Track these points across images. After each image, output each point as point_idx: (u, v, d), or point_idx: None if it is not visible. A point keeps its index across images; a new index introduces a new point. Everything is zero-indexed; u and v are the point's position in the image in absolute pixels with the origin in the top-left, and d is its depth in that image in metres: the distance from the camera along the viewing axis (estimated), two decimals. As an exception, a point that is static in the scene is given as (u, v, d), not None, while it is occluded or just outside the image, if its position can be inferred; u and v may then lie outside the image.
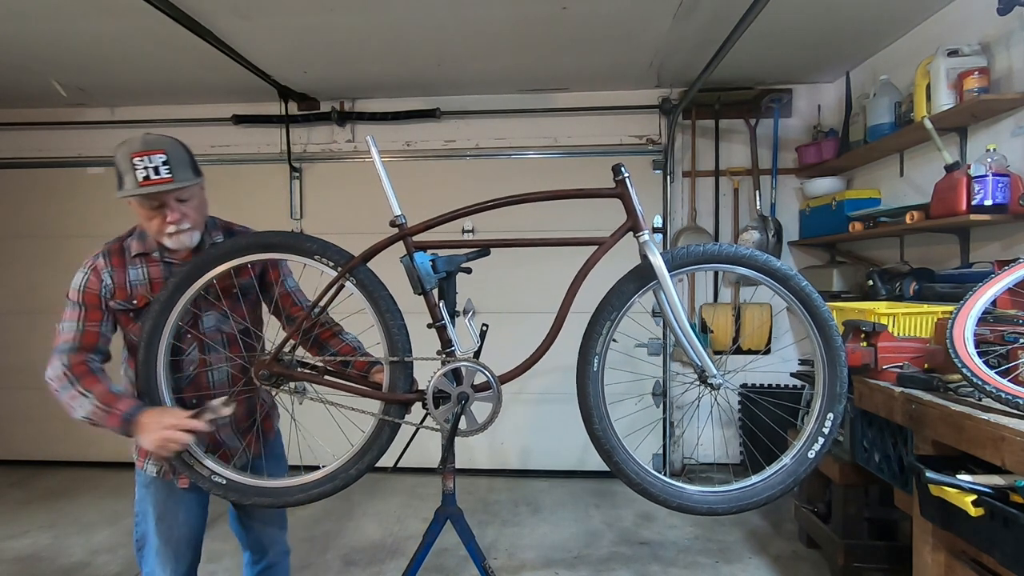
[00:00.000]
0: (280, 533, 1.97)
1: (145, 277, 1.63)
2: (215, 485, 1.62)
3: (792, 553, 3.01)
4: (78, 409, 1.53)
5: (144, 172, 1.47)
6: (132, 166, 1.47)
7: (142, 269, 1.63)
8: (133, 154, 1.48)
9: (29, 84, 3.93)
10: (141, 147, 1.49)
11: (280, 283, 1.80)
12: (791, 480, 1.57)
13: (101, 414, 1.52)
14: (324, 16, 2.99)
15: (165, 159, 1.49)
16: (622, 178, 1.58)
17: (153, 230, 1.57)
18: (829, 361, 1.57)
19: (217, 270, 1.61)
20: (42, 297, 4.44)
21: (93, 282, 1.59)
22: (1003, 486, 1.49)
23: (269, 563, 1.94)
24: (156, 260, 1.64)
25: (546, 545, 3.15)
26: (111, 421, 1.52)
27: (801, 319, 1.59)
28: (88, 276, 1.60)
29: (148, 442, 1.51)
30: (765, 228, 3.91)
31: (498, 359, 1.68)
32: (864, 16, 3.07)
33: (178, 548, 1.73)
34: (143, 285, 1.62)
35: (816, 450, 1.57)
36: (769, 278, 1.56)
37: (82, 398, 1.52)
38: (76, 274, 1.61)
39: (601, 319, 1.57)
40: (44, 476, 4.25)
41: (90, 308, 1.60)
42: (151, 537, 1.72)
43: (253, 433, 1.79)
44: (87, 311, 1.60)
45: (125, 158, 1.49)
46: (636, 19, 3.07)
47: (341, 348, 1.81)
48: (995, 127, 2.67)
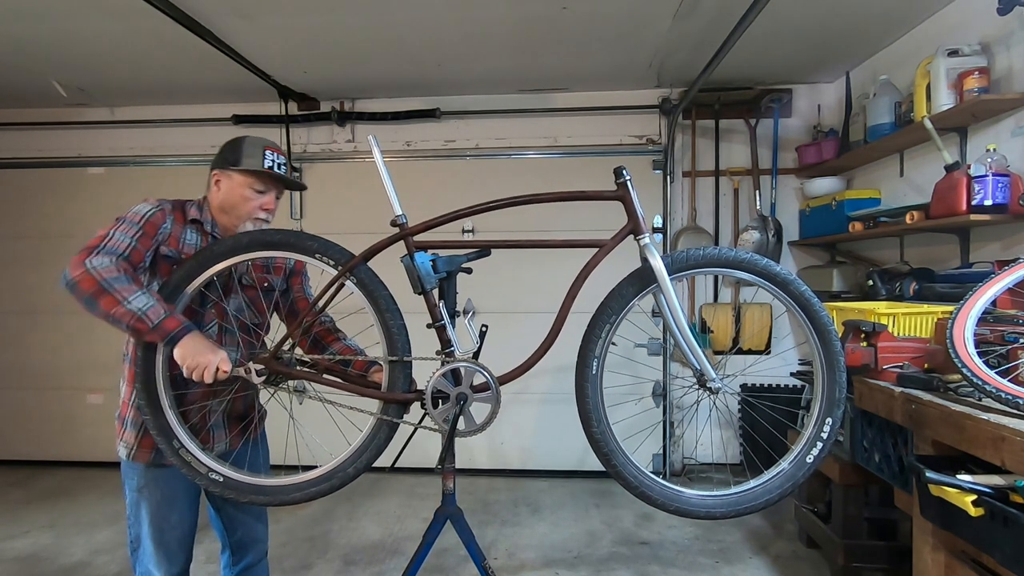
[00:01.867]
0: (263, 533, 1.97)
1: (196, 241, 1.72)
2: (212, 482, 1.62)
3: (792, 553, 3.01)
4: (132, 301, 1.47)
5: (270, 162, 1.71)
6: (263, 155, 1.70)
7: (196, 234, 1.72)
8: (267, 147, 1.72)
9: (29, 84, 3.93)
10: (273, 145, 1.74)
11: (300, 286, 1.91)
12: (790, 484, 1.57)
13: (159, 310, 1.50)
14: (324, 16, 2.99)
15: (285, 161, 1.76)
16: (623, 181, 1.58)
17: (244, 209, 1.72)
18: (828, 366, 1.57)
19: (219, 266, 1.62)
20: (42, 297, 4.45)
21: (158, 218, 1.64)
22: (1003, 486, 1.49)
23: (249, 563, 1.94)
24: (208, 232, 1.74)
25: (546, 545, 3.15)
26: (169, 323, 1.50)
27: (800, 324, 1.59)
28: (154, 212, 1.64)
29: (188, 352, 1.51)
30: (765, 228, 3.90)
31: (498, 360, 1.68)
32: (864, 16, 3.07)
33: (170, 549, 1.74)
34: (193, 247, 1.71)
35: (814, 454, 1.57)
36: (768, 282, 1.56)
37: (140, 293, 1.50)
38: (139, 205, 1.65)
39: (600, 322, 1.57)
40: (44, 476, 4.25)
41: (145, 235, 1.61)
42: (145, 540, 1.73)
43: (239, 428, 1.82)
44: (142, 236, 1.60)
45: (256, 146, 1.72)
46: (636, 19, 3.07)
47: (340, 349, 1.84)
48: (995, 127, 2.67)
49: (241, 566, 1.93)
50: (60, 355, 4.46)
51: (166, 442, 1.61)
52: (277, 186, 1.77)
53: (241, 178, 1.71)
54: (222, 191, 1.72)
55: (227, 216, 1.73)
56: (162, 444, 1.61)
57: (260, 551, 1.96)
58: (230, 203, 1.72)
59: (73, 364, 4.44)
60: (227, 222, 1.74)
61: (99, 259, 1.50)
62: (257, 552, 1.95)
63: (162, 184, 4.41)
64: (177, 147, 4.41)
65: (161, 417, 1.61)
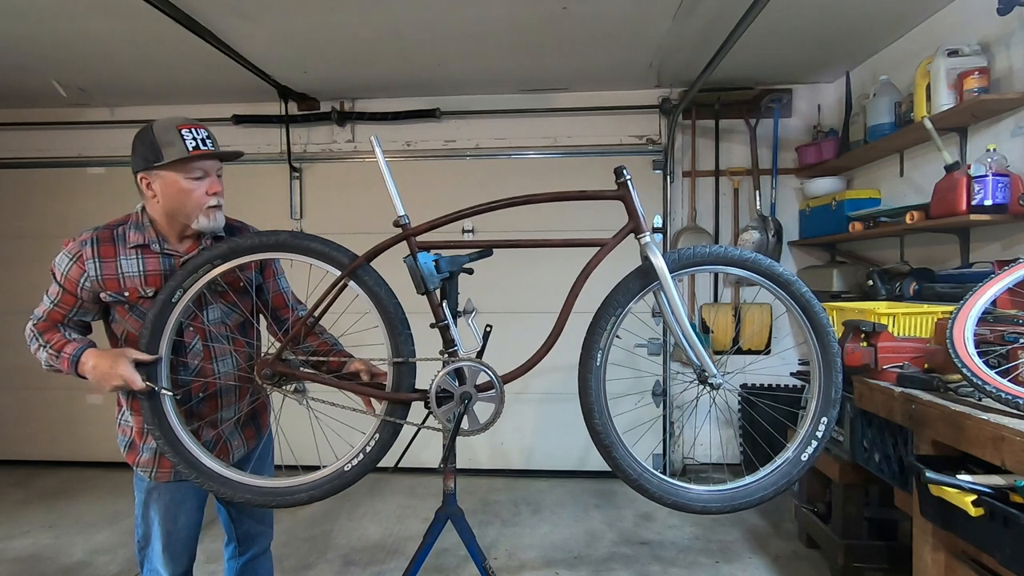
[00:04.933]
0: (268, 528, 1.98)
1: (140, 269, 1.60)
2: (217, 484, 1.62)
3: (792, 553, 3.01)
4: (42, 360, 1.63)
5: (193, 142, 1.52)
6: (179, 136, 1.51)
7: (137, 260, 1.61)
8: (179, 126, 1.53)
9: (29, 84, 3.92)
10: (185, 121, 1.55)
11: (273, 281, 1.82)
12: (785, 481, 1.61)
13: (55, 360, 1.60)
14: (324, 16, 2.99)
15: (208, 134, 1.57)
16: (624, 180, 1.59)
17: (190, 205, 1.57)
18: (825, 365, 1.60)
19: (221, 268, 1.60)
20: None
21: (74, 272, 1.59)
22: (1003, 486, 1.49)
23: (254, 555, 1.95)
24: (155, 253, 1.62)
25: (546, 545, 3.16)
26: (63, 364, 1.59)
27: (800, 324, 1.60)
28: (71, 266, 1.59)
29: (92, 378, 1.55)
30: (765, 228, 3.91)
31: (500, 359, 1.69)
32: (864, 16, 3.07)
33: (177, 550, 1.74)
34: (137, 277, 1.60)
35: (809, 453, 1.61)
36: (771, 282, 1.57)
37: (41, 350, 1.62)
38: (61, 255, 1.61)
39: (606, 315, 1.58)
40: (44, 476, 4.25)
41: (65, 292, 1.62)
42: (154, 540, 1.73)
43: (252, 428, 1.83)
44: (63, 294, 1.63)
45: (167, 130, 1.52)
46: (636, 19, 3.07)
47: (318, 345, 1.80)
48: (995, 127, 2.67)
49: (247, 556, 1.94)
50: (60, 355, 4.45)
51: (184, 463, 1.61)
52: (213, 163, 1.59)
53: (171, 174, 1.54)
54: (159, 195, 1.56)
55: (176, 219, 1.60)
56: (160, 443, 1.61)
57: (265, 543, 1.98)
58: (174, 205, 1.57)
59: (73, 364, 4.44)
60: (179, 225, 1.61)
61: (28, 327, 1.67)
62: (262, 543, 1.97)
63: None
64: (177, 147, 4.41)
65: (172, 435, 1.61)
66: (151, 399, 1.58)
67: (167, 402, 1.60)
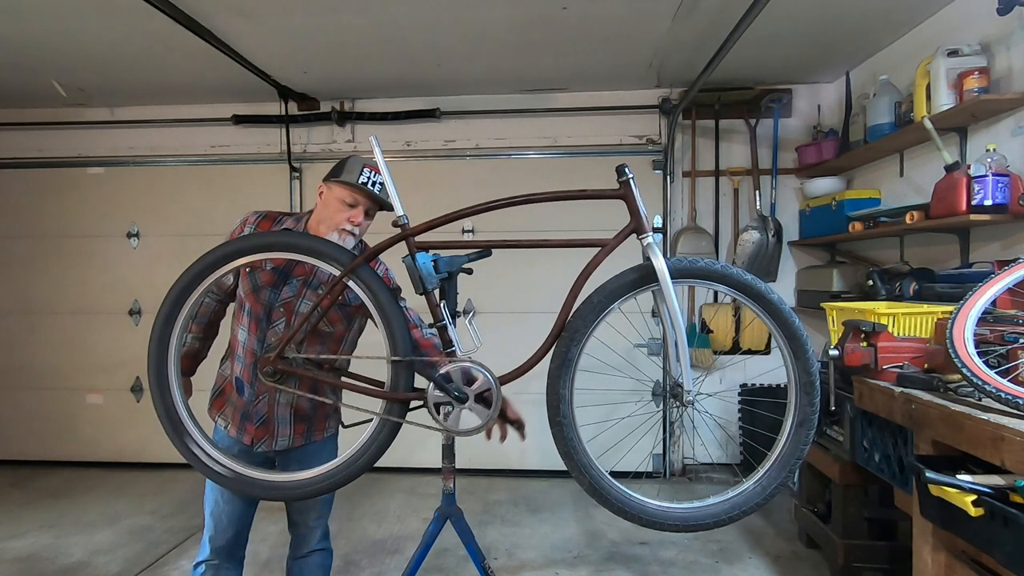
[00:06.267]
0: (315, 530, 2.02)
1: None
2: (219, 476, 1.63)
3: (792, 553, 3.01)
4: None
5: (364, 178, 1.79)
6: (361, 171, 1.79)
7: None
8: (366, 165, 1.80)
9: (29, 84, 3.93)
10: (372, 164, 1.77)
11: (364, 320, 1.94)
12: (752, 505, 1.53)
13: None
14: (324, 16, 2.99)
15: (380, 181, 1.80)
16: (626, 179, 1.56)
17: (334, 221, 1.80)
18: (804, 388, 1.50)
19: (223, 269, 1.61)
20: (42, 297, 4.45)
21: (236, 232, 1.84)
22: (1003, 486, 1.49)
23: (308, 551, 2.01)
24: None
25: (546, 545, 3.16)
26: None
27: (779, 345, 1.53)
28: (236, 227, 1.87)
29: None
30: (765, 228, 3.91)
31: (499, 360, 1.69)
32: (864, 16, 3.07)
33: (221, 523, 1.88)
34: None
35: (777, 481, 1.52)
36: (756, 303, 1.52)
37: None
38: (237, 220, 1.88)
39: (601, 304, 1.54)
40: (44, 476, 4.25)
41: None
42: (207, 514, 1.90)
43: (305, 428, 1.89)
44: None
45: (359, 163, 1.81)
46: (636, 19, 3.07)
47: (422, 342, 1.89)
48: (995, 127, 2.67)
49: (301, 554, 2.02)
50: (60, 355, 4.46)
51: (176, 434, 1.61)
52: (368, 203, 1.82)
53: (338, 189, 1.80)
54: (323, 202, 1.83)
55: (320, 226, 1.80)
56: (171, 434, 1.62)
57: (313, 545, 2.02)
58: (325, 214, 1.81)
59: (73, 364, 4.44)
60: (320, 232, 1.79)
61: None
62: (311, 546, 2.02)
63: (162, 184, 4.42)
64: (177, 147, 4.42)
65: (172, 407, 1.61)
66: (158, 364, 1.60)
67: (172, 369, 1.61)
